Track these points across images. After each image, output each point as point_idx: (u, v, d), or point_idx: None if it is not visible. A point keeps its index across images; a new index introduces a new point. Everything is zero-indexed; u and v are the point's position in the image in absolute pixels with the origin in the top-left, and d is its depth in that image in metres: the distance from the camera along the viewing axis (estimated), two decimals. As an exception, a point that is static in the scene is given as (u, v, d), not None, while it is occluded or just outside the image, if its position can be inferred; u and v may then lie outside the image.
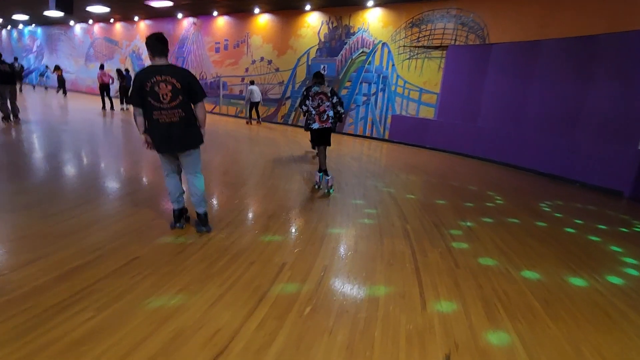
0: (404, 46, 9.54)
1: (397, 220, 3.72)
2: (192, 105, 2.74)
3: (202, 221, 2.95)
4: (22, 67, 15.88)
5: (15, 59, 16.52)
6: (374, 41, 10.04)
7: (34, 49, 20.91)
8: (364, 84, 10.44)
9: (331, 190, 4.45)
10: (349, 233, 3.28)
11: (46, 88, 18.20)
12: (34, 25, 20.03)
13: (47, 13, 12.44)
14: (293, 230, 3.22)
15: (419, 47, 9.31)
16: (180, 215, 2.96)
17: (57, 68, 15.55)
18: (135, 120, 2.65)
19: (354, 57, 10.49)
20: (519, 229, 3.81)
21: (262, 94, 12.27)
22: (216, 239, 2.87)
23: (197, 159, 2.85)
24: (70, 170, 4.71)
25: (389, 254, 2.87)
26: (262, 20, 12.01)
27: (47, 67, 18.73)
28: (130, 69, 14.66)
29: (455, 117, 8.91)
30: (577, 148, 6.59)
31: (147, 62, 2.75)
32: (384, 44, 9.88)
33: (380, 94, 10.21)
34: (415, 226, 3.58)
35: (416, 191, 5.10)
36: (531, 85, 7.39)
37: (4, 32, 22.56)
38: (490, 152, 8.18)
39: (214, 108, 13.81)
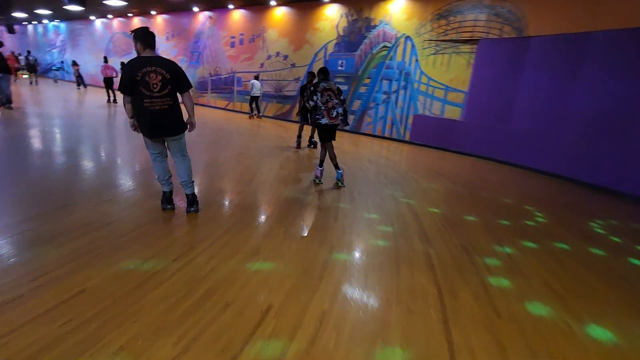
0: (429, 40, 8.76)
1: (418, 242, 3.07)
2: (179, 95, 2.90)
3: (190, 202, 3.14)
4: (35, 60, 16.16)
5: (28, 52, 16.94)
6: (396, 35, 9.29)
7: (58, 43, 21.25)
8: (384, 80, 9.70)
9: (344, 185, 4.53)
10: (357, 260, 2.67)
11: (56, 81, 18.59)
12: (57, 20, 20.31)
13: (65, 7, 12.39)
14: (288, 254, 2.63)
15: (446, 40, 8.51)
16: (170, 197, 3.15)
17: (74, 64, 15.72)
18: (125, 107, 2.80)
19: (374, 52, 9.77)
20: (571, 258, 3.08)
21: (277, 90, 11.80)
22: (193, 264, 2.33)
23: (183, 143, 3.04)
24: (42, 169, 4.24)
25: (408, 293, 2.24)
26: (279, 13, 11.47)
27: (62, 62, 20.00)
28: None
29: (485, 118, 8.06)
30: (630, 156, 5.68)
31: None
32: (407, 37, 9.12)
33: (401, 92, 9.45)
34: (441, 251, 2.92)
35: (440, 203, 4.40)
36: (576, 83, 6.48)
37: (30, 27, 23.06)
38: (525, 157, 7.31)
39: (228, 104, 13.38)
